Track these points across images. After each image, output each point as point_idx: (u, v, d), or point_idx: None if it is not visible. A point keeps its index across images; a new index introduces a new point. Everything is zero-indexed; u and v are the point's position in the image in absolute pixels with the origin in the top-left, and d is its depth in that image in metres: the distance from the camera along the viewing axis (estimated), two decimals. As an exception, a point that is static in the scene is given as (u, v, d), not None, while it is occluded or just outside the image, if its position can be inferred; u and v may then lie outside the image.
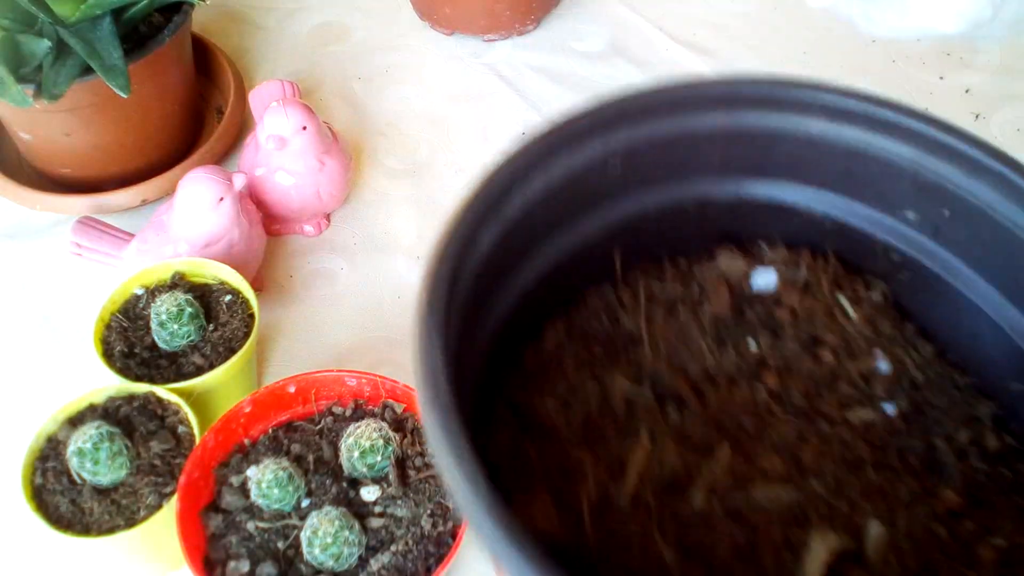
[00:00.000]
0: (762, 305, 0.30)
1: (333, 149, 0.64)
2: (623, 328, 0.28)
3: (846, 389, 0.29)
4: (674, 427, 0.26)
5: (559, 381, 0.27)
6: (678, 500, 0.25)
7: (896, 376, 0.29)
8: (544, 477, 0.25)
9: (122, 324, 0.55)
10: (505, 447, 0.26)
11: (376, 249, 0.67)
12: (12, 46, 0.58)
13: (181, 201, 0.58)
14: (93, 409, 0.51)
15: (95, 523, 0.47)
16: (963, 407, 0.28)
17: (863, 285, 0.31)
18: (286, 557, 0.47)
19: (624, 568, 0.23)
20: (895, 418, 0.28)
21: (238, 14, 0.83)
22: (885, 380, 0.29)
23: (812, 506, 0.25)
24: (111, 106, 0.63)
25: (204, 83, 0.76)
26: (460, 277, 0.24)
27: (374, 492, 0.48)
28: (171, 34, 0.64)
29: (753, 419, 0.27)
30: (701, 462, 0.26)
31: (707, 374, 0.28)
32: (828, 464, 0.26)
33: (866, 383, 0.29)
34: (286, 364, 0.61)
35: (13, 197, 0.67)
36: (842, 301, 0.30)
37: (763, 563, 0.24)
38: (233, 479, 0.49)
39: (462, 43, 0.80)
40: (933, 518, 0.25)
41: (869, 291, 0.30)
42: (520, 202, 0.25)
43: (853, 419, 0.28)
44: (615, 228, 0.28)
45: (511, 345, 0.27)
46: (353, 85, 0.77)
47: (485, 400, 0.25)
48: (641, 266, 0.30)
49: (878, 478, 0.26)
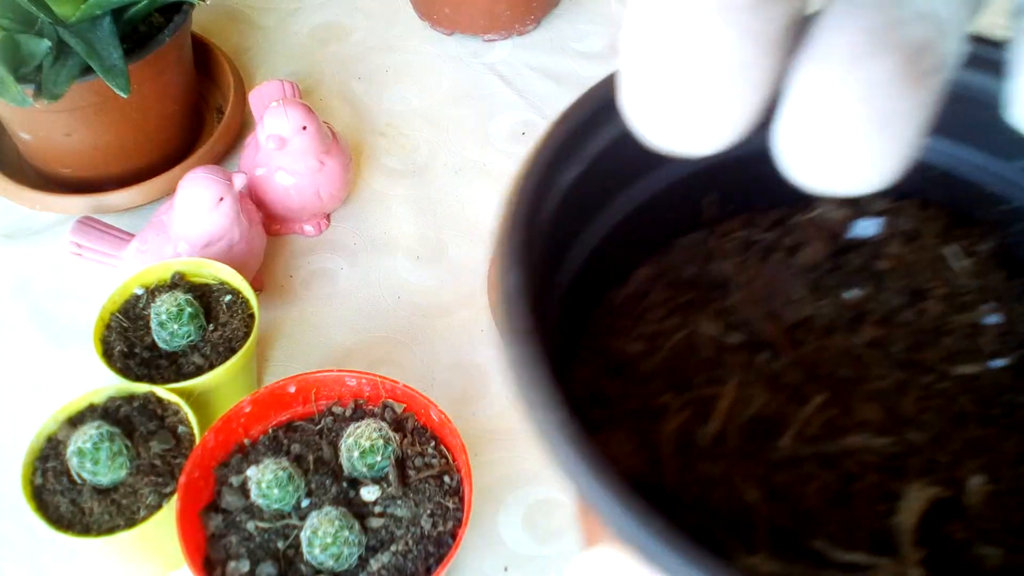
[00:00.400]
0: (863, 255, 0.29)
1: (333, 149, 0.64)
2: (713, 274, 0.27)
3: (951, 342, 0.27)
4: (765, 373, 0.26)
5: (644, 324, 0.26)
6: (766, 444, 0.24)
7: (1007, 330, 0.28)
8: (625, 416, 0.24)
9: (122, 324, 0.55)
10: (585, 385, 0.25)
11: (376, 249, 0.67)
12: (12, 46, 0.58)
13: (181, 201, 0.58)
14: (93, 409, 0.51)
15: (95, 523, 0.47)
16: None
17: (974, 236, 0.29)
18: (286, 557, 0.47)
19: (704, 506, 0.23)
20: (1004, 373, 0.27)
21: (238, 14, 0.83)
22: (994, 334, 0.28)
23: (910, 457, 0.24)
24: (111, 106, 0.63)
25: (204, 83, 0.76)
26: (540, 210, 0.22)
27: (374, 492, 0.48)
28: (171, 34, 0.64)
29: (850, 369, 0.26)
30: (793, 408, 0.25)
31: (803, 322, 0.27)
32: (929, 416, 0.25)
33: (974, 337, 0.28)
34: (286, 364, 0.61)
35: (13, 197, 0.67)
36: (950, 252, 0.29)
37: (856, 510, 0.23)
38: (233, 479, 0.49)
39: (462, 43, 0.80)
40: None
41: (980, 243, 0.29)
42: (606, 139, 0.24)
43: (958, 372, 0.26)
44: (706, 173, 0.27)
45: (593, 289, 0.26)
46: (353, 85, 0.77)
47: (566, 340, 0.25)
48: (734, 215, 0.28)
49: (983, 432, 0.25)
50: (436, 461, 0.50)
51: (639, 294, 0.27)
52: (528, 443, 0.57)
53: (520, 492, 0.55)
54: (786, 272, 0.28)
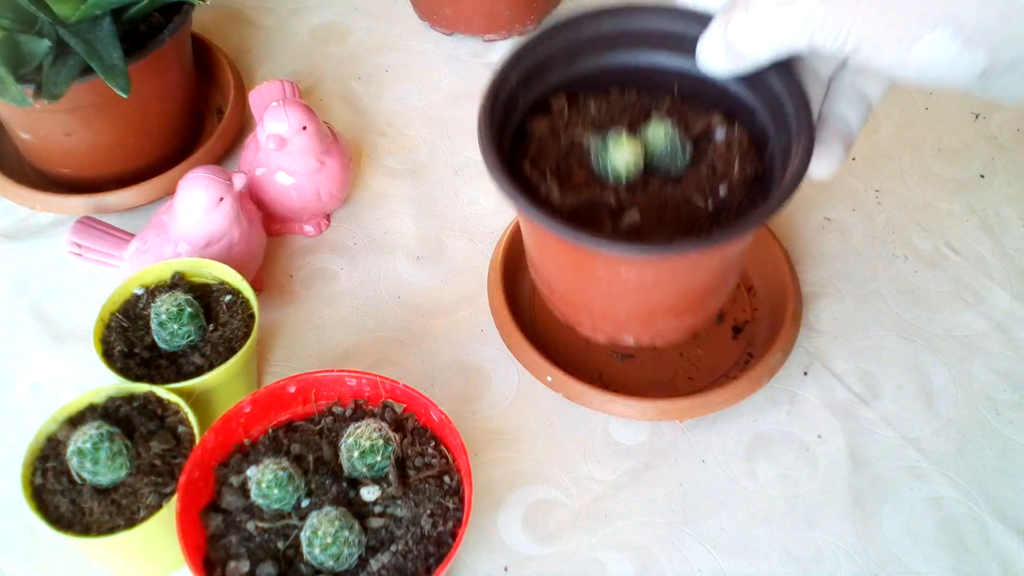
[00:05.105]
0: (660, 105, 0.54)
1: (333, 149, 0.64)
2: (581, 114, 0.53)
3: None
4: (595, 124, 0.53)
5: (544, 133, 0.52)
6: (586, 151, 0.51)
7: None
8: (533, 160, 0.50)
9: (122, 324, 0.55)
10: (523, 152, 0.51)
11: (376, 249, 0.67)
12: (12, 46, 0.58)
13: (181, 201, 0.58)
14: (93, 409, 0.51)
15: (95, 523, 0.47)
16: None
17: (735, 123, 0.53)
18: (286, 557, 0.47)
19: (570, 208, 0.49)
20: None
21: (238, 14, 0.83)
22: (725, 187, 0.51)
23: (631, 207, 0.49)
24: (111, 106, 0.63)
25: (204, 83, 0.76)
26: (500, 93, 0.49)
27: (374, 492, 0.48)
28: (171, 34, 0.64)
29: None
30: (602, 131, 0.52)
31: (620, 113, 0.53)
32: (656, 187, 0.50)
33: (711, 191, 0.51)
34: (286, 364, 0.61)
35: (13, 197, 0.67)
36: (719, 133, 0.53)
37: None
38: (233, 479, 0.49)
39: (462, 43, 0.80)
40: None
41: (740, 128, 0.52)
42: (516, 77, 0.50)
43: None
44: (559, 84, 0.53)
45: (527, 118, 0.53)
46: (353, 85, 0.77)
47: (513, 146, 0.52)
48: (574, 101, 0.54)
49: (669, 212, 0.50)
50: (436, 461, 0.50)
51: (544, 122, 0.52)
52: (528, 443, 0.57)
53: (520, 492, 0.55)
54: (623, 107, 0.53)
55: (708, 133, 0.53)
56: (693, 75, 0.51)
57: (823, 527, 0.54)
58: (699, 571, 0.52)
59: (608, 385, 0.58)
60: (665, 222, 0.49)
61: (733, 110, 0.53)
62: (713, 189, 0.50)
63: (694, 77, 0.51)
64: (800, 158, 0.45)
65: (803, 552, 0.53)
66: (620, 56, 0.53)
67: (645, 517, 0.54)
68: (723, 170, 0.51)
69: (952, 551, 0.53)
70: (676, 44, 0.52)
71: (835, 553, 0.53)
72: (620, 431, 0.57)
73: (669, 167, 0.51)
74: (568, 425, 0.58)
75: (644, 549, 0.53)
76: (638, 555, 0.53)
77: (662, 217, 0.49)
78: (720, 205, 0.50)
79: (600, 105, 0.53)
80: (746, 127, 0.52)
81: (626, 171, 0.49)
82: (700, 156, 0.51)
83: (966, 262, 0.65)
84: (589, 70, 0.53)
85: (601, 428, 0.58)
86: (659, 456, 0.57)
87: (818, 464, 0.56)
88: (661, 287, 0.50)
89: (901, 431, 0.57)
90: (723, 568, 0.52)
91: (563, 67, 0.53)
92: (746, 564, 0.52)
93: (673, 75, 0.53)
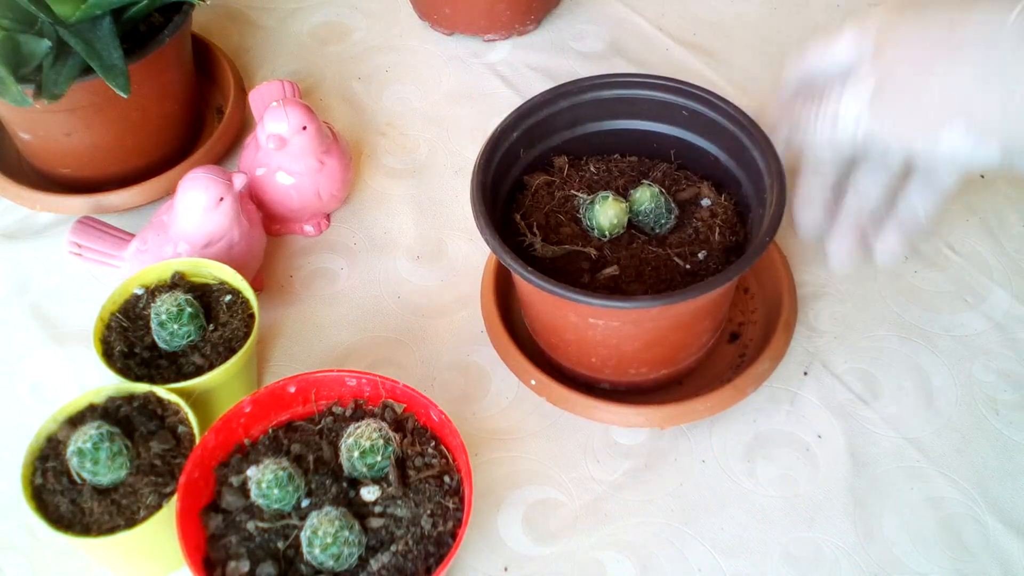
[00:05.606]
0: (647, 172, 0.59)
1: (333, 149, 0.64)
2: (569, 176, 0.58)
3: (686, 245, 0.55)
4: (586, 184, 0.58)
5: (540, 187, 0.58)
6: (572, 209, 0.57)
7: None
8: (525, 211, 0.57)
9: (122, 324, 0.55)
10: (511, 216, 0.57)
11: (376, 249, 0.67)
12: (12, 46, 0.58)
13: (181, 201, 0.58)
14: (93, 409, 0.51)
15: (95, 523, 0.47)
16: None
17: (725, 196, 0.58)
18: (286, 557, 0.47)
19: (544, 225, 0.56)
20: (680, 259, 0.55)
21: (238, 14, 0.83)
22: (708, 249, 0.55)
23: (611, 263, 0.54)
24: (111, 106, 0.63)
25: (204, 83, 0.76)
26: (498, 148, 0.55)
27: (374, 492, 0.48)
28: (171, 34, 0.64)
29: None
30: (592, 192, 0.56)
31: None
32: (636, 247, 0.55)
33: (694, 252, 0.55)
34: (286, 364, 0.61)
35: (13, 197, 0.67)
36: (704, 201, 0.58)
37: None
38: (233, 479, 0.49)
39: (462, 43, 0.80)
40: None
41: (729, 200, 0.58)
42: (516, 135, 0.57)
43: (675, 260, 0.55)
44: (562, 144, 0.60)
45: (518, 185, 0.58)
46: (353, 85, 0.77)
47: (510, 197, 0.58)
48: (576, 162, 0.59)
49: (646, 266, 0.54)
50: (436, 461, 0.50)
51: (534, 186, 0.58)
52: (528, 443, 0.57)
53: (520, 492, 0.55)
54: (605, 174, 0.59)
55: (696, 199, 0.57)
56: (689, 143, 0.58)
57: (823, 527, 0.54)
58: (699, 571, 0.52)
59: (596, 389, 0.57)
60: (643, 278, 0.53)
61: (722, 180, 0.57)
62: (692, 252, 0.54)
63: (690, 145, 0.58)
64: (765, 229, 0.50)
65: (803, 552, 0.53)
66: (621, 123, 0.59)
67: (645, 517, 0.54)
68: (705, 235, 0.55)
69: (952, 551, 0.53)
70: (674, 115, 0.57)
71: (835, 553, 0.53)
72: (620, 431, 0.57)
73: (653, 227, 0.55)
74: (568, 425, 0.58)
75: (644, 549, 0.53)
76: (638, 555, 0.53)
77: (640, 273, 0.53)
78: (698, 267, 0.53)
79: (600, 167, 0.58)
80: (732, 197, 0.57)
81: (609, 227, 0.54)
82: (686, 220, 0.56)
83: (966, 262, 0.65)
84: (592, 133, 0.59)
85: (601, 428, 0.58)
86: (659, 456, 0.57)
87: (818, 464, 0.56)
88: (628, 338, 0.53)
89: (901, 431, 0.57)
90: (723, 568, 0.52)
91: (567, 129, 0.59)
92: (746, 564, 0.52)
93: (671, 143, 0.59)
